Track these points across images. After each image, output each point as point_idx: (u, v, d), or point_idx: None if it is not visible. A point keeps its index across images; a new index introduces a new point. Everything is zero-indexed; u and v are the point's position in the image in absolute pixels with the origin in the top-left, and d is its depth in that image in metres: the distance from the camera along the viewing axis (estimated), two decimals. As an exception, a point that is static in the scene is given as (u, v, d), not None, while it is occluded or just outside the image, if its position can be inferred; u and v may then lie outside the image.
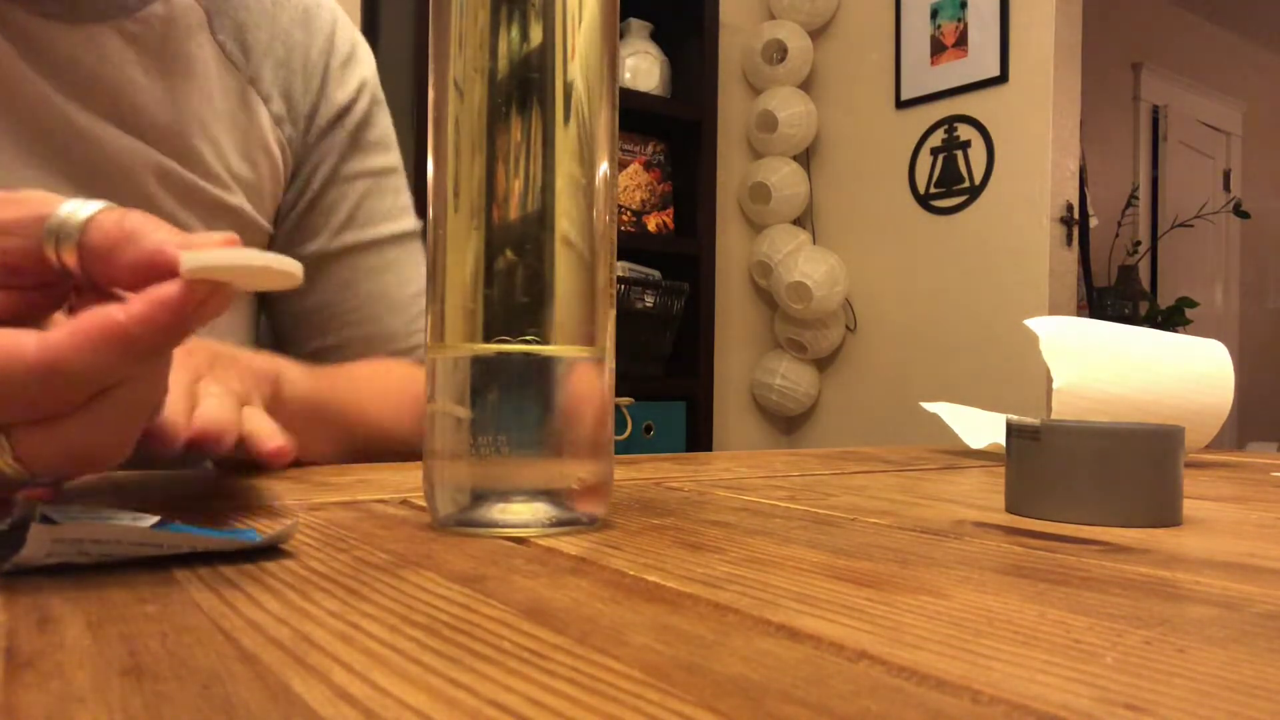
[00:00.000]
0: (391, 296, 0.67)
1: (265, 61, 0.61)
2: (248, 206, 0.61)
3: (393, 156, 0.69)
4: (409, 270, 0.69)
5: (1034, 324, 0.58)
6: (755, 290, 2.84)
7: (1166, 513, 0.38)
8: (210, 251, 0.27)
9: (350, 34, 0.67)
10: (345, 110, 0.65)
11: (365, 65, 0.67)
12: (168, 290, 0.26)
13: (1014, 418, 0.41)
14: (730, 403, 2.81)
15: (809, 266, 2.58)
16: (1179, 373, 0.59)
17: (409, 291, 0.68)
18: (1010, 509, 0.40)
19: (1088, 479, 0.38)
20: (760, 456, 0.63)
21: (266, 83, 0.61)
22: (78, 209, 0.28)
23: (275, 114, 0.62)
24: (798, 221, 2.78)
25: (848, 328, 2.70)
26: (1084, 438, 0.38)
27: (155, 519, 0.27)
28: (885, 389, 2.62)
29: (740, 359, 2.83)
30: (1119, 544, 0.33)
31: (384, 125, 0.69)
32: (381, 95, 0.69)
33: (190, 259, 0.26)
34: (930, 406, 0.68)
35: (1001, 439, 0.63)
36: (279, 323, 0.68)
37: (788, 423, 2.88)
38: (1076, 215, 2.36)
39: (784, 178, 2.70)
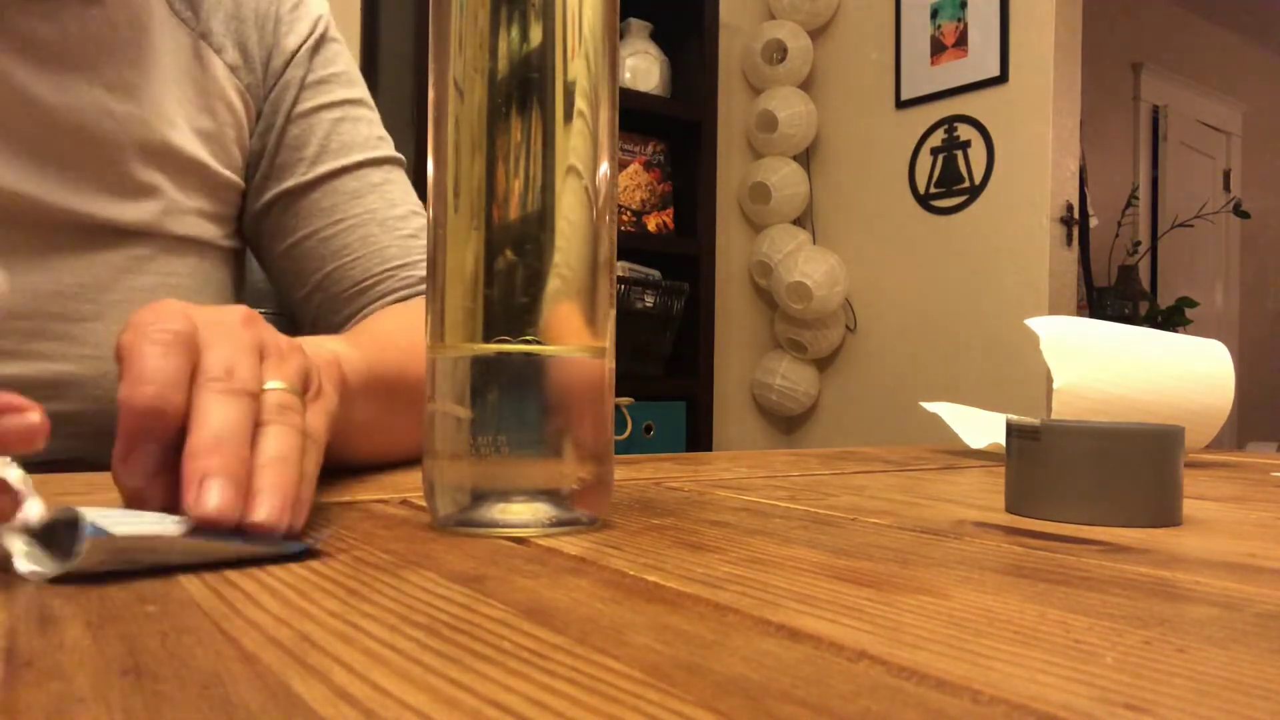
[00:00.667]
0: (381, 215, 0.66)
1: (215, 15, 0.62)
2: (212, 162, 0.61)
3: (357, 89, 0.68)
4: (395, 193, 0.67)
5: (1034, 324, 0.58)
6: (755, 290, 2.84)
7: (1166, 513, 0.38)
8: None
9: None
10: (299, 49, 0.65)
11: (316, 5, 0.67)
12: None
13: (1014, 418, 0.41)
14: (730, 403, 2.81)
15: (809, 266, 2.58)
16: (1179, 373, 0.59)
17: (398, 212, 0.67)
18: (1010, 509, 0.40)
19: (1088, 479, 0.38)
20: (760, 456, 0.63)
21: (218, 35, 0.62)
22: None
23: (230, 64, 0.62)
24: (798, 221, 2.78)
25: (848, 328, 2.70)
26: (1084, 438, 0.38)
27: (185, 522, 0.27)
28: (885, 389, 2.62)
29: (740, 359, 2.83)
30: (1119, 544, 0.33)
31: (343, 60, 0.69)
32: (337, 34, 0.69)
33: None
34: (930, 406, 0.68)
35: (1001, 439, 0.63)
36: (269, 277, 0.68)
37: (788, 423, 2.88)
38: (1076, 215, 2.36)
39: (784, 178, 2.70)
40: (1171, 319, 3.37)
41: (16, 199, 0.53)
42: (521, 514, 0.32)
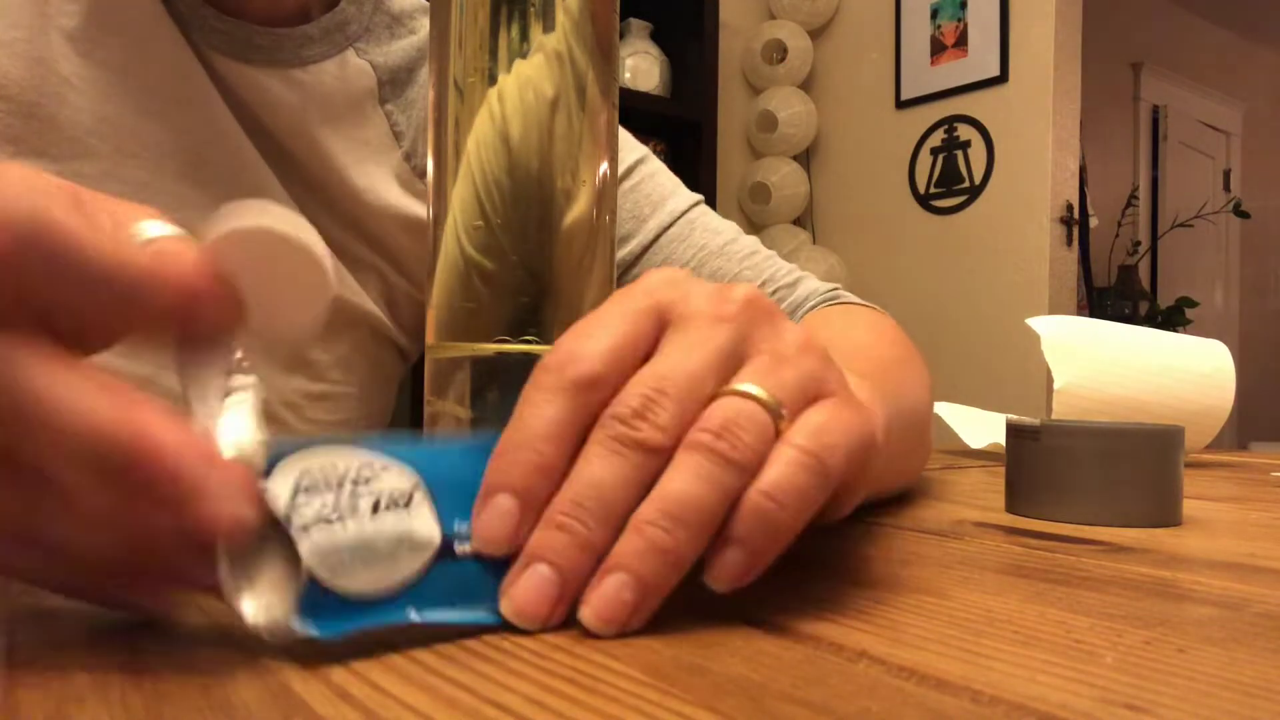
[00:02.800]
0: (712, 246, 0.59)
1: (421, 136, 0.57)
2: (392, 274, 0.57)
3: (633, 151, 0.64)
4: (713, 222, 0.61)
5: (1035, 323, 0.58)
6: (755, 290, 2.84)
7: (1166, 513, 0.38)
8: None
9: None
10: None
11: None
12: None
13: (1014, 418, 0.41)
14: (730, 403, 2.81)
15: (809, 266, 2.58)
16: (1180, 373, 0.59)
17: (725, 238, 0.60)
18: (1010, 509, 0.40)
19: (1088, 479, 0.38)
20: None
21: (421, 156, 0.57)
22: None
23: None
24: (798, 221, 2.78)
25: (848, 328, 2.70)
26: (1084, 438, 0.38)
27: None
28: (885, 389, 2.62)
29: (740, 359, 2.83)
30: (1119, 544, 0.33)
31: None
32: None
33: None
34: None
35: (1001, 438, 0.63)
36: None
37: (788, 423, 2.88)
38: (1076, 215, 2.36)
39: (784, 178, 2.70)
40: (1171, 319, 3.37)
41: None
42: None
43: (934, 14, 2.50)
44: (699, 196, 0.64)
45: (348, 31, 0.53)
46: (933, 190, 2.52)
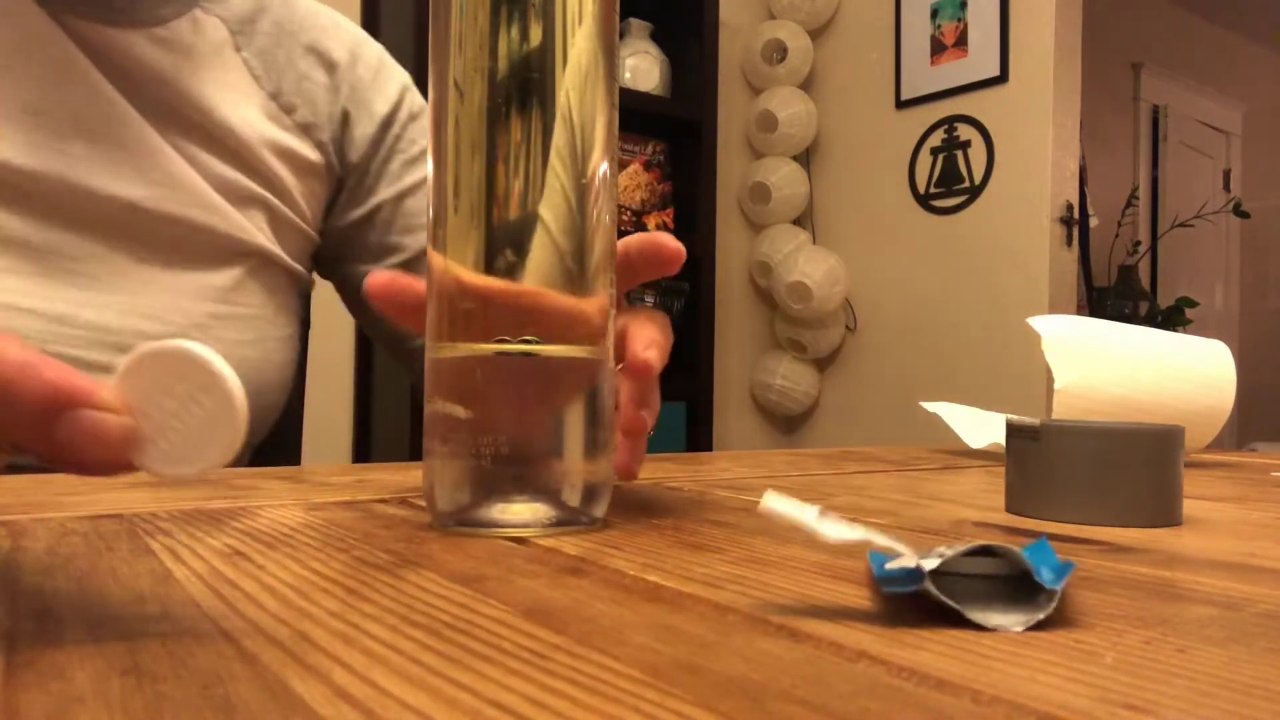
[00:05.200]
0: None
1: (287, 75, 0.63)
2: (275, 202, 0.62)
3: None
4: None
5: (1036, 323, 0.58)
6: (755, 290, 2.84)
7: (1166, 513, 0.38)
8: None
9: (376, 48, 0.69)
10: (389, 119, 0.67)
11: (393, 83, 0.68)
12: None
13: (1014, 418, 0.41)
14: (730, 403, 2.81)
15: (809, 266, 2.58)
16: (1181, 373, 0.59)
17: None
18: (1010, 509, 0.40)
19: (1088, 479, 0.38)
20: (760, 456, 0.63)
21: (289, 95, 0.63)
22: None
23: (301, 122, 0.63)
24: (798, 221, 2.78)
25: (847, 327, 2.70)
26: (1084, 438, 0.38)
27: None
28: (885, 389, 2.62)
29: (740, 359, 2.83)
30: (1119, 544, 0.33)
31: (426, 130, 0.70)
32: (420, 103, 0.70)
33: None
34: (930, 406, 0.68)
35: (1001, 439, 0.63)
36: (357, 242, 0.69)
37: (788, 422, 2.88)
38: (1076, 215, 2.36)
39: (784, 177, 2.70)
40: (1171, 319, 3.37)
41: (113, 203, 0.53)
42: (521, 514, 0.32)
43: (934, 14, 2.50)
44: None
45: None
46: (933, 190, 2.52)
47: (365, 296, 0.38)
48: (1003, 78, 2.36)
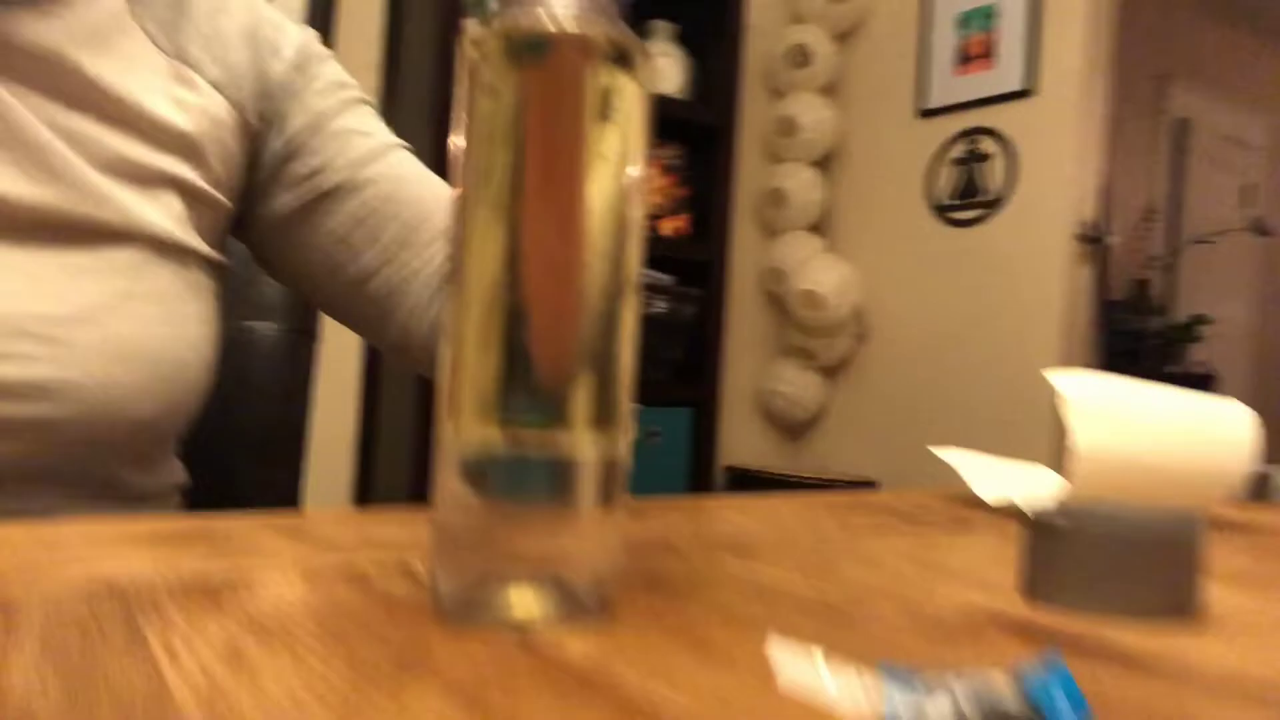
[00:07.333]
0: (433, 184, 0.68)
1: (192, 37, 0.62)
2: (188, 175, 0.60)
3: (357, 91, 0.70)
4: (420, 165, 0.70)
5: (1057, 381, 0.57)
6: (768, 297, 2.83)
7: (1186, 603, 0.37)
8: None
9: (272, 11, 0.67)
10: (295, 68, 0.66)
11: (298, 29, 0.67)
12: None
13: (1032, 497, 0.40)
14: (739, 409, 2.80)
15: (821, 274, 2.57)
16: (1199, 435, 0.58)
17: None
18: (1025, 594, 0.39)
19: (1107, 568, 0.37)
20: (770, 508, 0.62)
21: (195, 55, 0.62)
22: None
23: (213, 80, 0.62)
24: (814, 228, 2.76)
25: (858, 336, 2.69)
26: (1104, 524, 0.37)
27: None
28: (894, 399, 2.61)
29: (751, 366, 2.82)
30: (1136, 656, 0.32)
31: (336, 68, 0.69)
32: (326, 50, 0.69)
33: None
34: (941, 453, 0.67)
35: (1014, 494, 0.62)
36: (295, 277, 0.68)
37: (794, 430, 2.87)
38: (1097, 231, 2.34)
39: (801, 184, 2.68)
40: (1182, 337, 3.34)
41: None
42: (527, 603, 0.31)
43: (963, 23, 2.47)
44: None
45: None
46: (951, 202, 2.50)
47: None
48: (1029, 90, 2.34)
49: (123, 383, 0.54)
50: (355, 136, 0.66)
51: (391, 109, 2.21)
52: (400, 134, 0.70)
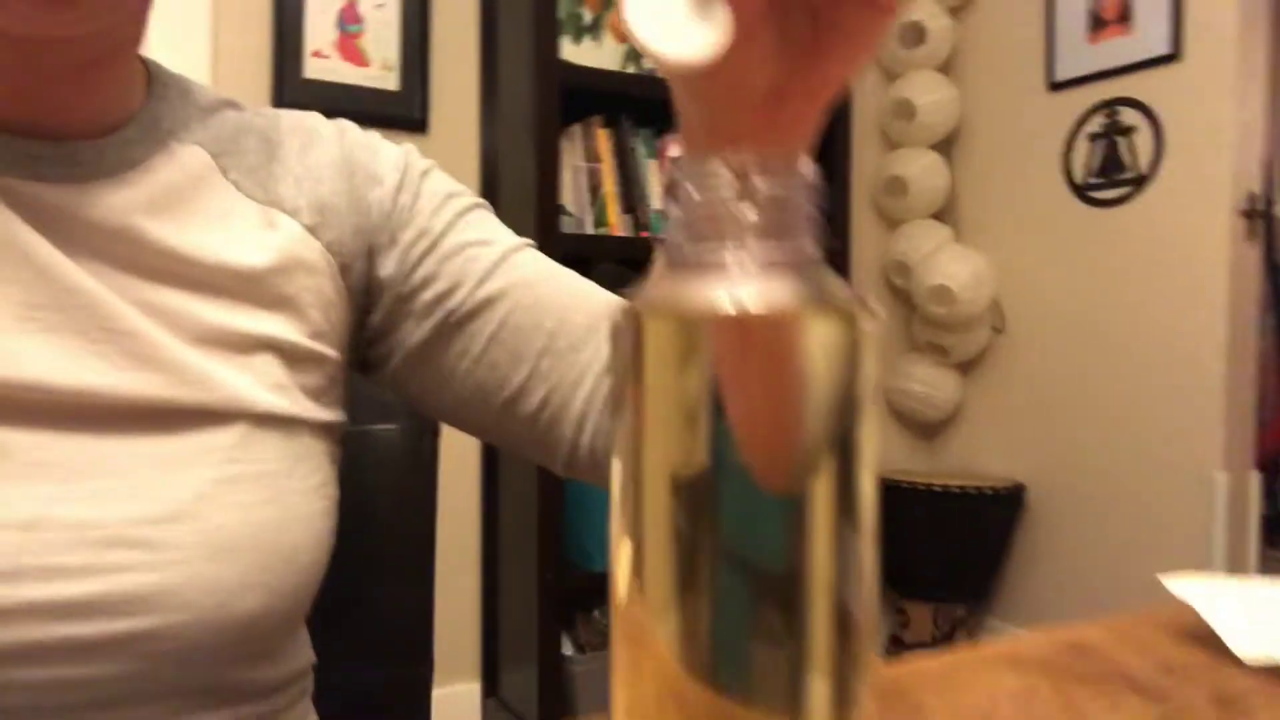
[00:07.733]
0: (564, 279, 0.61)
1: (284, 182, 0.57)
2: (284, 333, 0.54)
3: (467, 197, 0.63)
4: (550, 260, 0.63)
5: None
6: (891, 289, 2.68)
7: None
8: None
9: (366, 135, 0.62)
10: (399, 190, 0.59)
11: (394, 149, 0.61)
12: None
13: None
14: (866, 409, 2.67)
15: (953, 267, 2.41)
16: None
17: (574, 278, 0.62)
18: None
19: None
20: (971, 671, 0.52)
21: (289, 200, 0.57)
22: None
23: (309, 225, 0.56)
24: (938, 216, 2.59)
25: (995, 329, 2.52)
26: None
27: None
28: (1037, 397, 2.43)
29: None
30: None
31: (444, 182, 0.62)
32: (427, 162, 0.63)
33: None
34: (1173, 585, 0.55)
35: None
36: (449, 410, 0.62)
37: (928, 430, 2.72)
38: (1261, 206, 2.12)
39: (923, 169, 2.52)
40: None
41: (74, 395, 0.46)
42: None
43: (1093, -14, 2.27)
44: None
45: (162, 127, 0.54)
46: (1092, 181, 2.31)
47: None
48: (1174, 55, 2.12)
49: (227, 579, 0.48)
50: (476, 249, 0.59)
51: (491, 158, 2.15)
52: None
